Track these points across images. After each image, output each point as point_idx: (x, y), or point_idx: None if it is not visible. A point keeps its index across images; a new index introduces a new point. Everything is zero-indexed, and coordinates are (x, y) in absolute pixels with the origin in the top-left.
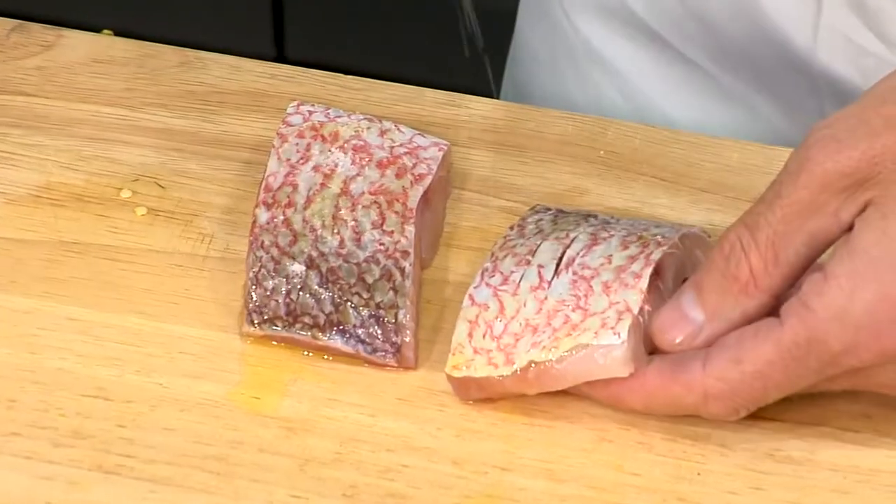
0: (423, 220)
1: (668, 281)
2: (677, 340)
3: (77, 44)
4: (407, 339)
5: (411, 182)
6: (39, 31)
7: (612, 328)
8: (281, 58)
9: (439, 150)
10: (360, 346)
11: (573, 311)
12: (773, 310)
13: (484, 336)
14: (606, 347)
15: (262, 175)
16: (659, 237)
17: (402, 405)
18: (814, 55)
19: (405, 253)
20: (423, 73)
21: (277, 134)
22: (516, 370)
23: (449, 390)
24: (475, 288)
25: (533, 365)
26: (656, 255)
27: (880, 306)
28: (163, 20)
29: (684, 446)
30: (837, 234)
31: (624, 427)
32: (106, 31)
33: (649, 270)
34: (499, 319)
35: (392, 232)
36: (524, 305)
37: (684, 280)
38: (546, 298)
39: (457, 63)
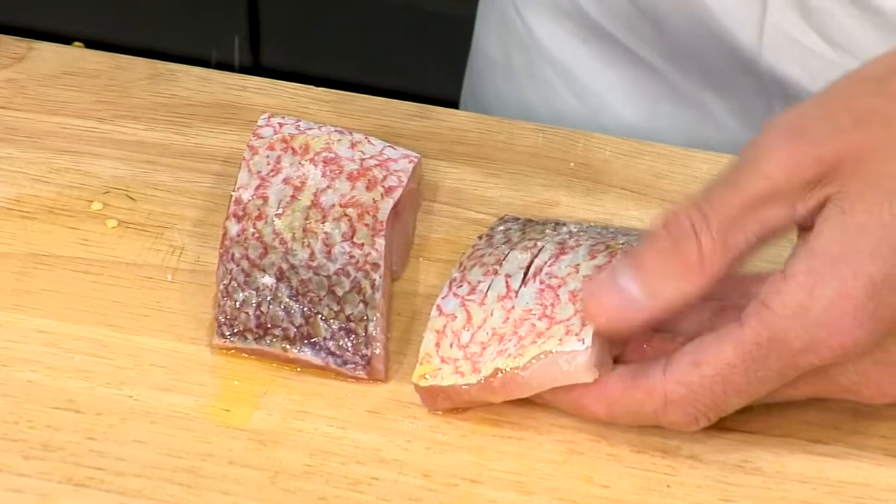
0: (393, 233)
1: None
2: (607, 311)
3: (48, 56)
4: (377, 352)
5: (381, 194)
6: (9, 44)
7: (577, 334)
8: (257, 65)
9: (409, 162)
10: (331, 359)
11: (539, 319)
12: (709, 295)
13: (451, 346)
14: (570, 353)
15: (232, 187)
16: (626, 246)
17: (372, 418)
18: (760, 55)
19: (375, 265)
20: (399, 81)
21: (248, 146)
22: (482, 378)
23: (419, 402)
24: (443, 298)
25: (499, 373)
26: None
27: (839, 303)
28: (138, 28)
29: (654, 458)
30: (790, 226)
31: (594, 439)
32: (76, 44)
33: None
34: (466, 329)
35: (362, 244)
36: (491, 315)
37: None
38: (513, 308)
39: (433, 72)
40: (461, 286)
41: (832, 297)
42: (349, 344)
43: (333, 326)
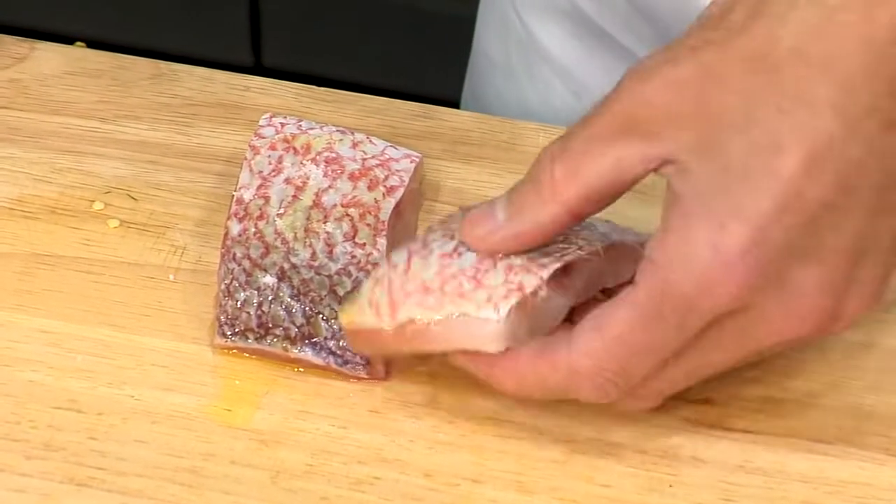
0: (394, 232)
1: (576, 283)
2: (477, 233)
3: (50, 56)
4: None
5: (383, 194)
6: (12, 44)
7: (496, 304)
8: (258, 66)
9: (411, 162)
10: (332, 359)
11: (468, 280)
12: (568, 230)
13: (381, 291)
14: (484, 321)
15: (234, 187)
16: (584, 243)
17: (373, 417)
18: None
19: (377, 265)
20: (401, 81)
21: (250, 146)
22: (397, 324)
23: (421, 402)
24: (396, 250)
25: (413, 322)
26: (570, 257)
27: (720, 239)
28: (140, 28)
29: (655, 458)
30: (643, 169)
31: (595, 439)
32: (78, 44)
33: (556, 266)
34: (400, 278)
35: (364, 244)
36: (426, 269)
37: (603, 290)
38: (449, 266)
39: (434, 72)
40: (416, 242)
41: (709, 235)
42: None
43: (335, 326)
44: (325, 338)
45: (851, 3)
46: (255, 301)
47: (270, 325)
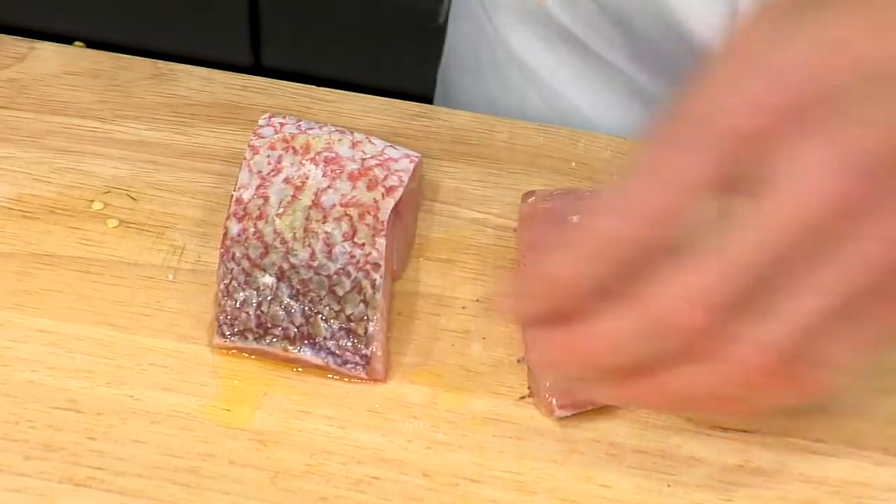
0: (394, 232)
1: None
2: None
3: (49, 56)
4: (377, 352)
5: (382, 194)
6: (11, 43)
7: None
8: (257, 66)
9: (410, 162)
10: (331, 359)
11: None
12: None
13: None
14: None
15: (233, 187)
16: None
17: (372, 417)
18: None
19: (376, 265)
20: (400, 82)
21: (249, 146)
22: None
23: (419, 402)
24: None
25: None
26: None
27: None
28: (139, 28)
29: (654, 458)
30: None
31: (594, 439)
32: (77, 43)
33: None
34: None
35: (363, 244)
36: None
37: None
38: None
39: (433, 72)
40: None
41: (765, 52)
42: (349, 344)
43: (333, 326)
44: (324, 338)
45: None
46: (254, 301)
47: (269, 325)
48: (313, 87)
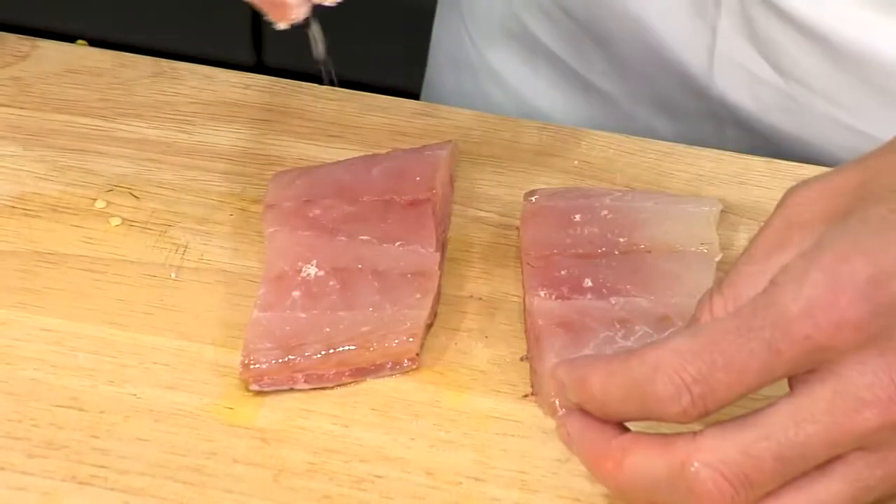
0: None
1: None
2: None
3: (52, 54)
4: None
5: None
6: (14, 42)
7: None
8: (260, 64)
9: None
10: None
11: None
12: None
13: None
14: None
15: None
16: None
17: (375, 416)
18: (711, 82)
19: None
20: (403, 80)
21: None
22: None
23: (423, 400)
24: None
25: None
26: None
27: (839, 267)
28: (141, 27)
29: None
30: None
31: None
32: (80, 42)
33: None
34: None
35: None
36: None
37: None
38: None
39: None
40: None
41: (831, 264)
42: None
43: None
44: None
45: None
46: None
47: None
48: (316, 85)
